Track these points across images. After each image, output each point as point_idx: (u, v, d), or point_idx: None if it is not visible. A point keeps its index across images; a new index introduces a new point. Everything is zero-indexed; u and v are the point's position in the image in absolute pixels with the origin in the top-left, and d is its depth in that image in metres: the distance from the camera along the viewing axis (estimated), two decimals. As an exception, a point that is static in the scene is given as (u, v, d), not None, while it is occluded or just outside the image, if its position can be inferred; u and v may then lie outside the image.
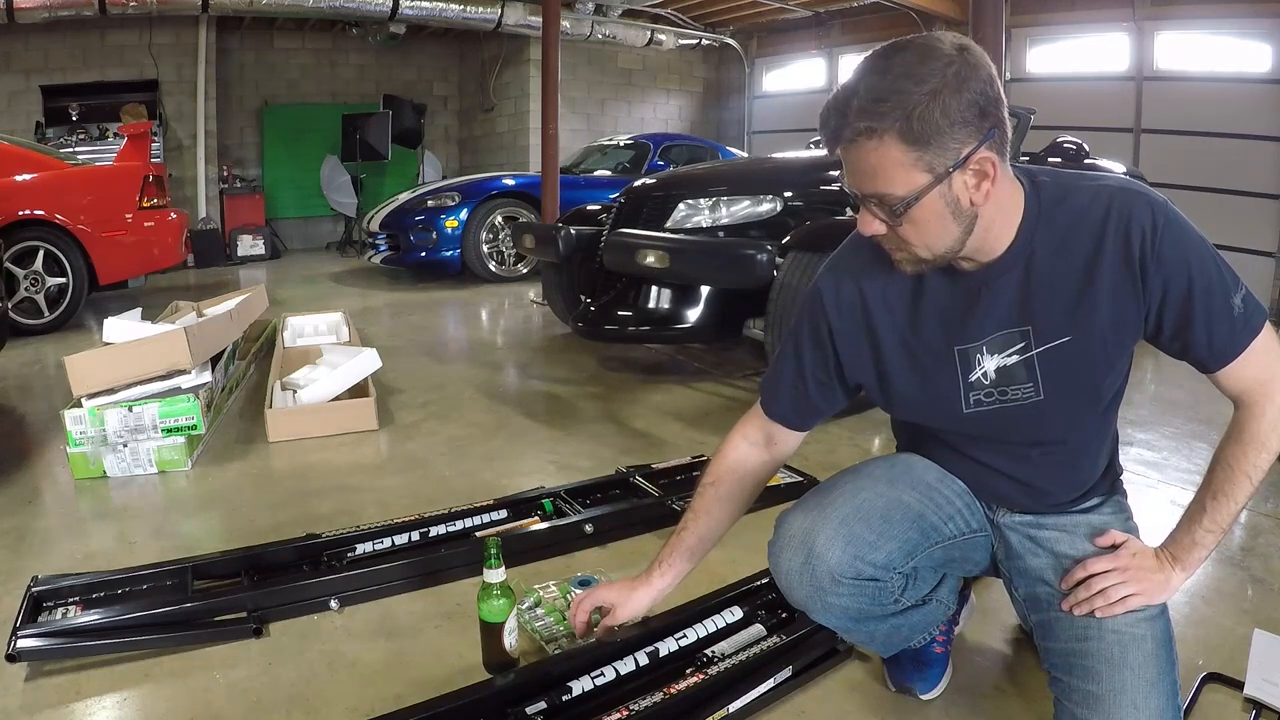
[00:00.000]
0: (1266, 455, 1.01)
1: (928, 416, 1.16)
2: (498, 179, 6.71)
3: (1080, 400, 1.07)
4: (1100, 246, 0.97)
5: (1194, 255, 0.96)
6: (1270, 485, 2.40)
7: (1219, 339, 0.97)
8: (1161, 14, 6.09)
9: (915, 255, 0.98)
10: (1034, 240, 1.00)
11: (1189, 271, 0.95)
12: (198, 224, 7.86)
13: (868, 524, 1.09)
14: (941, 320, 1.07)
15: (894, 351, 1.11)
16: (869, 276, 1.10)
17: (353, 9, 7.56)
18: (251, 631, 1.57)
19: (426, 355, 4.12)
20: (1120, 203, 0.97)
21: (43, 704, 1.38)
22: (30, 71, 7.48)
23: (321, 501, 2.26)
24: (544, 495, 2.14)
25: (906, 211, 0.93)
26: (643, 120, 10.01)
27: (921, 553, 1.14)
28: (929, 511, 1.16)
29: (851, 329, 1.12)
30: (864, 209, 0.96)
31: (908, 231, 0.95)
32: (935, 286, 1.07)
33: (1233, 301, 0.96)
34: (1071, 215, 0.99)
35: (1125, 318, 0.99)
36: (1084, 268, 0.98)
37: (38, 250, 4.59)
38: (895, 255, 1.00)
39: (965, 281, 1.05)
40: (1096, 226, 0.97)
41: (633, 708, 1.28)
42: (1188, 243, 0.96)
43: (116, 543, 2.01)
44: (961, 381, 1.08)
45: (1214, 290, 0.96)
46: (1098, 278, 0.97)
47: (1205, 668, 1.43)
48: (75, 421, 2.39)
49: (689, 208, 3.34)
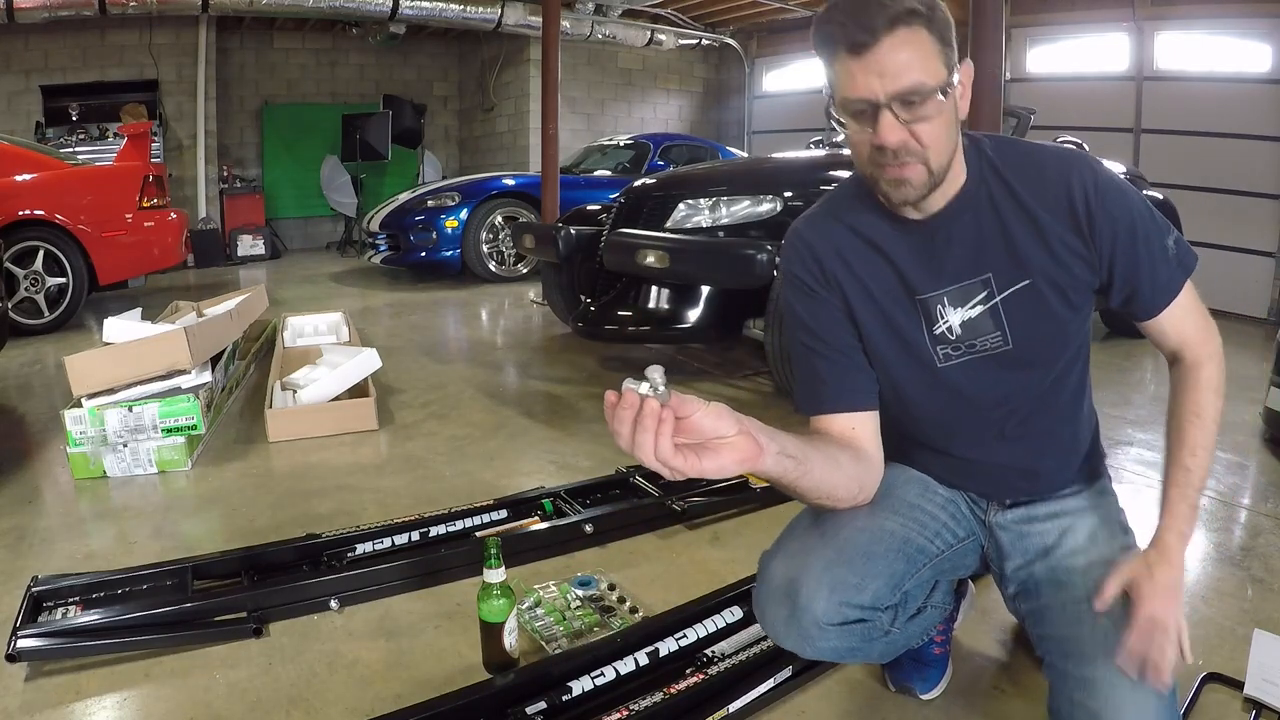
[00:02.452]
0: (1220, 401, 1.05)
1: (907, 378, 1.12)
2: (498, 179, 6.71)
3: (1049, 345, 1.08)
4: (1045, 195, 1.01)
5: (1133, 204, 1.02)
6: (1270, 484, 2.40)
7: (1160, 278, 1.03)
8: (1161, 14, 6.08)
9: (926, 167, 0.96)
10: (981, 186, 1.03)
11: (1131, 218, 1.01)
12: (198, 224, 7.86)
13: (851, 566, 1.05)
14: (898, 272, 1.08)
15: (863, 309, 1.10)
16: (824, 240, 1.11)
17: (353, 9, 7.55)
18: (251, 631, 1.57)
19: (426, 355, 4.12)
20: (1059, 158, 1.03)
21: (43, 704, 1.38)
22: (30, 71, 7.48)
23: (321, 501, 2.26)
24: (544, 495, 2.14)
25: (932, 102, 0.92)
26: (643, 120, 10.01)
27: (909, 580, 1.11)
28: (914, 534, 1.13)
29: (825, 290, 1.12)
30: (883, 118, 0.93)
31: (927, 133, 0.94)
32: (891, 239, 1.07)
33: (1167, 243, 1.03)
34: (1016, 166, 1.03)
35: (1077, 265, 1.03)
36: (1032, 214, 1.02)
37: (38, 250, 4.60)
38: (904, 173, 0.96)
39: (919, 231, 1.06)
40: (1042, 176, 1.02)
41: (633, 708, 1.28)
42: (1125, 193, 1.02)
43: (116, 543, 2.02)
44: (927, 334, 1.08)
45: (1152, 235, 1.02)
46: (1047, 226, 1.01)
47: (1205, 668, 1.43)
48: (75, 421, 2.39)
49: (689, 208, 3.34)
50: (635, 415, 0.74)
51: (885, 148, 0.94)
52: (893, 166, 0.96)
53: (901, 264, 1.07)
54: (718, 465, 0.78)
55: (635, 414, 0.74)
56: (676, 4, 8.78)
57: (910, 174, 0.97)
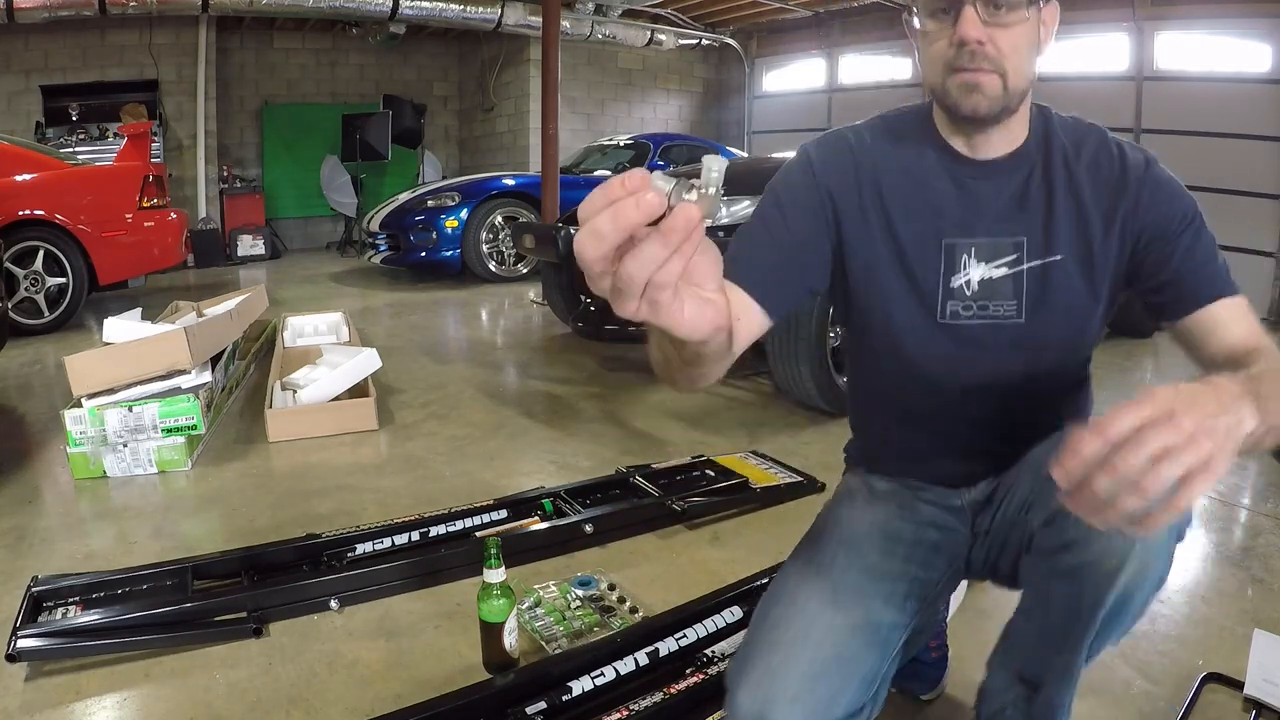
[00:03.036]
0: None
1: (906, 325, 1.01)
2: (498, 179, 6.71)
3: (1061, 329, 0.99)
4: (1099, 174, 0.96)
5: (1189, 204, 0.96)
6: (1270, 485, 2.40)
7: (1206, 270, 0.93)
8: (1161, 14, 6.08)
9: (1001, 79, 0.90)
10: (1039, 149, 0.98)
11: (1184, 203, 0.95)
12: (198, 224, 7.86)
13: (824, 678, 0.91)
14: (933, 207, 0.99)
15: (873, 241, 1.00)
16: (865, 156, 1.02)
17: (353, 9, 7.55)
18: (251, 631, 1.57)
19: (426, 355, 4.12)
20: (1125, 145, 0.99)
21: (43, 704, 1.38)
22: (30, 71, 7.48)
23: (321, 501, 2.26)
24: (544, 495, 2.14)
25: (1019, 10, 0.89)
26: (643, 120, 10.01)
27: (888, 663, 0.96)
28: (885, 611, 0.97)
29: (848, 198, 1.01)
30: (965, 12, 0.88)
31: (1007, 41, 0.89)
32: (936, 170, 1.00)
33: (1217, 255, 0.94)
34: (1077, 142, 0.98)
35: (1114, 245, 0.96)
36: (1079, 190, 0.96)
37: (38, 250, 4.60)
38: (979, 78, 0.90)
39: (968, 170, 0.99)
40: (1099, 155, 0.97)
41: (633, 708, 1.28)
42: (1184, 193, 0.97)
43: (116, 543, 2.02)
44: (942, 283, 0.99)
45: (1203, 230, 0.94)
46: (1091, 203, 0.96)
47: (1205, 668, 1.43)
48: (75, 421, 2.39)
49: (689, 208, 3.33)
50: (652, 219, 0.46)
51: (965, 43, 0.88)
52: (968, 70, 0.90)
53: (940, 199, 0.99)
54: (693, 322, 0.53)
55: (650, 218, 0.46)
56: (676, 4, 8.78)
57: (984, 80, 0.90)
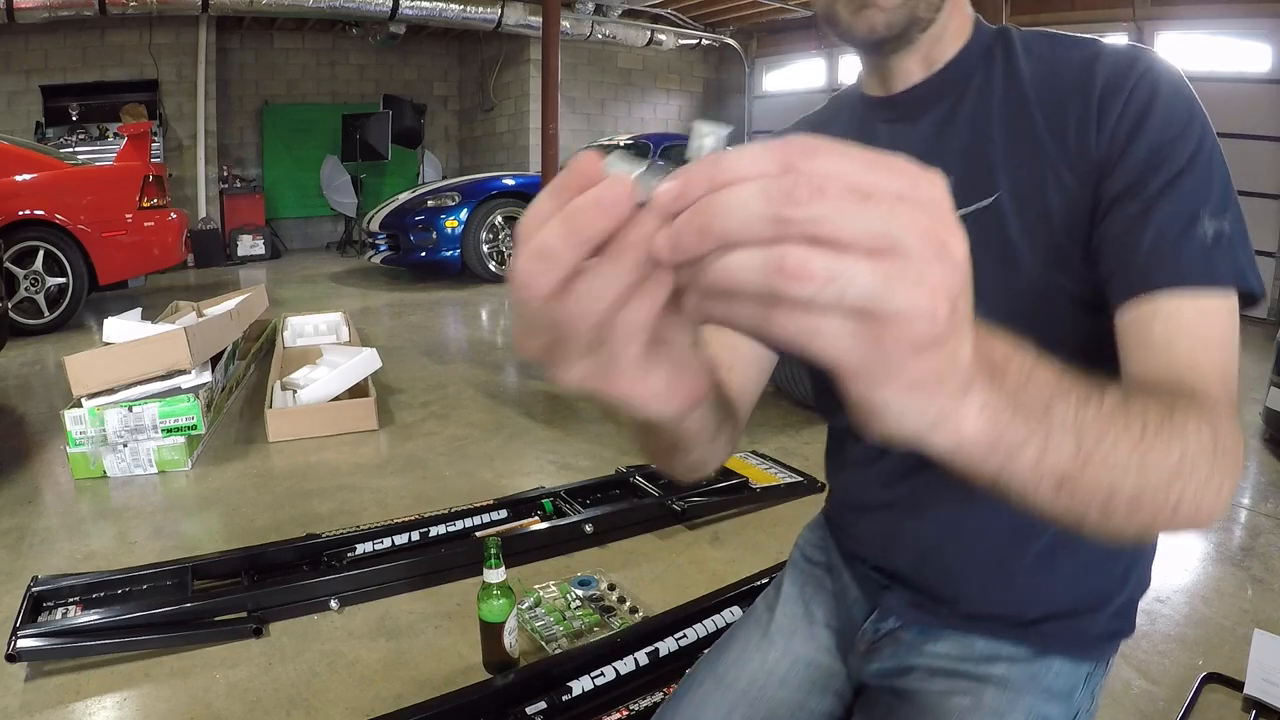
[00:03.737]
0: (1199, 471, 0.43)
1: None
2: (498, 179, 6.71)
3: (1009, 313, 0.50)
4: (1057, 82, 0.66)
5: (1186, 115, 0.60)
6: (1270, 484, 2.41)
7: (1174, 234, 0.57)
8: (1161, 14, 6.09)
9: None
10: (979, 67, 0.71)
11: (1173, 127, 0.60)
12: (198, 224, 7.87)
13: None
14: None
15: None
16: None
17: (353, 9, 7.55)
18: (251, 631, 1.57)
19: (426, 355, 4.12)
20: (1103, 46, 0.67)
21: (43, 704, 1.38)
22: (30, 71, 7.48)
23: (321, 501, 2.26)
24: (544, 495, 2.14)
25: None
26: (643, 120, 10.01)
27: None
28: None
29: None
30: None
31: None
32: (851, 130, 0.78)
33: (1200, 216, 0.58)
34: (1040, 54, 0.69)
35: (1069, 180, 0.64)
36: (1029, 100, 0.67)
37: (38, 250, 4.60)
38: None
39: (882, 112, 0.75)
40: (1063, 59, 0.67)
41: (633, 708, 1.28)
42: (1184, 98, 0.61)
43: (116, 543, 2.01)
44: None
45: (1190, 173, 0.59)
46: (1045, 117, 0.66)
47: (1205, 668, 1.43)
48: (75, 421, 2.39)
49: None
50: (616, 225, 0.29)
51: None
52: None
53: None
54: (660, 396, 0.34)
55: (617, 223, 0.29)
56: (676, 4, 8.78)
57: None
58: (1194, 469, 0.42)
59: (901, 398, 0.29)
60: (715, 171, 0.27)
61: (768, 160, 0.26)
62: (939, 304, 0.26)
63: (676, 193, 0.27)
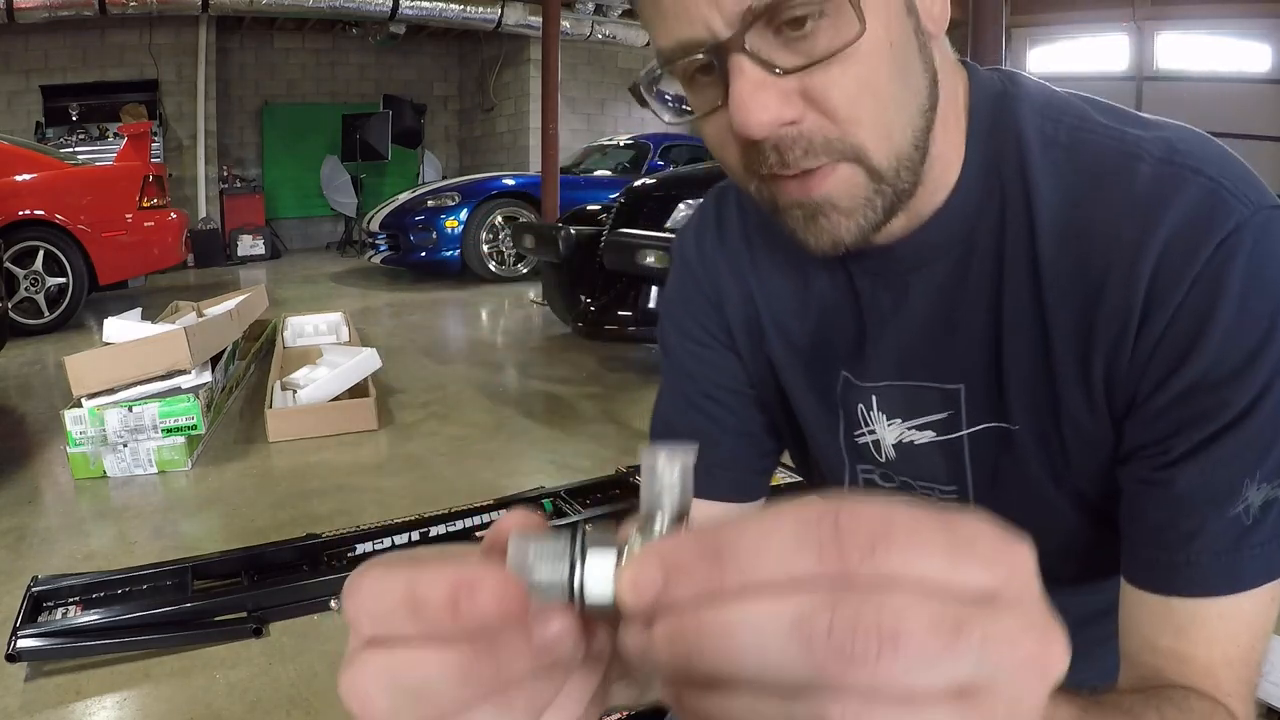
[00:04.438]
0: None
1: (827, 462, 0.65)
2: (498, 179, 6.72)
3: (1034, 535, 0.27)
4: (1093, 236, 0.45)
5: (1258, 341, 0.41)
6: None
7: (1179, 541, 0.43)
8: (1161, 14, 6.09)
9: (861, 165, 0.44)
10: (991, 197, 0.49)
11: (1228, 361, 0.42)
12: (198, 224, 7.87)
13: None
14: (814, 327, 0.59)
15: (763, 373, 0.63)
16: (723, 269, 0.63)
17: (353, 9, 7.56)
18: (251, 631, 1.57)
19: (426, 355, 4.12)
20: (1185, 191, 0.43)
21: (43, 704, 1.38)
22: (30, 71, 7.49)
23: (321, 501, 2.26)
24: (544, 495, 2.14)
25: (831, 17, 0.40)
26: (643, 120, 9.99)
27: None
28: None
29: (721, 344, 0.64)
30: (736, 66, 0.41)
31: (841, 88, 0.42)
32: (813, 269, 0.58)
33: (1242, 487, 0.42)
34: (1067, 194, 0.47)
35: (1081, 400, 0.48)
36: (1045, 278, 0.47)
37: (38, 250, 4.60)
38: (814, 189, 0.45)
39: (864, 263, 0.54)
40: (1116, 226, 0.44)
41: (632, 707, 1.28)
42: (1263, 307, 0.42)
43: (116, 543, 2.01)
44: (843, 436, 0.60)
45: (1233, 438, 0.42)
46: (1071, 338, 0.47)
47: (1205, 668, 1.43)
48: (75, 421, 2.39)
49: (689, 208, 3.34)
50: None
51: (753, 141, 0.43)
52: (788, 179, 0.45)
53: (822, 313, 0.58)
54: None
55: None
56: (676, 4, 8.78)
57: (831, 190, 0.45)
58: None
59: None
60: (717, 568, 0.18)
61: (808, 557, 0.17)
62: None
63: (651, 596, 0.18)
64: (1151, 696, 0.42)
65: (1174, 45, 6.10)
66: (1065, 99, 0.50)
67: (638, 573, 0.19)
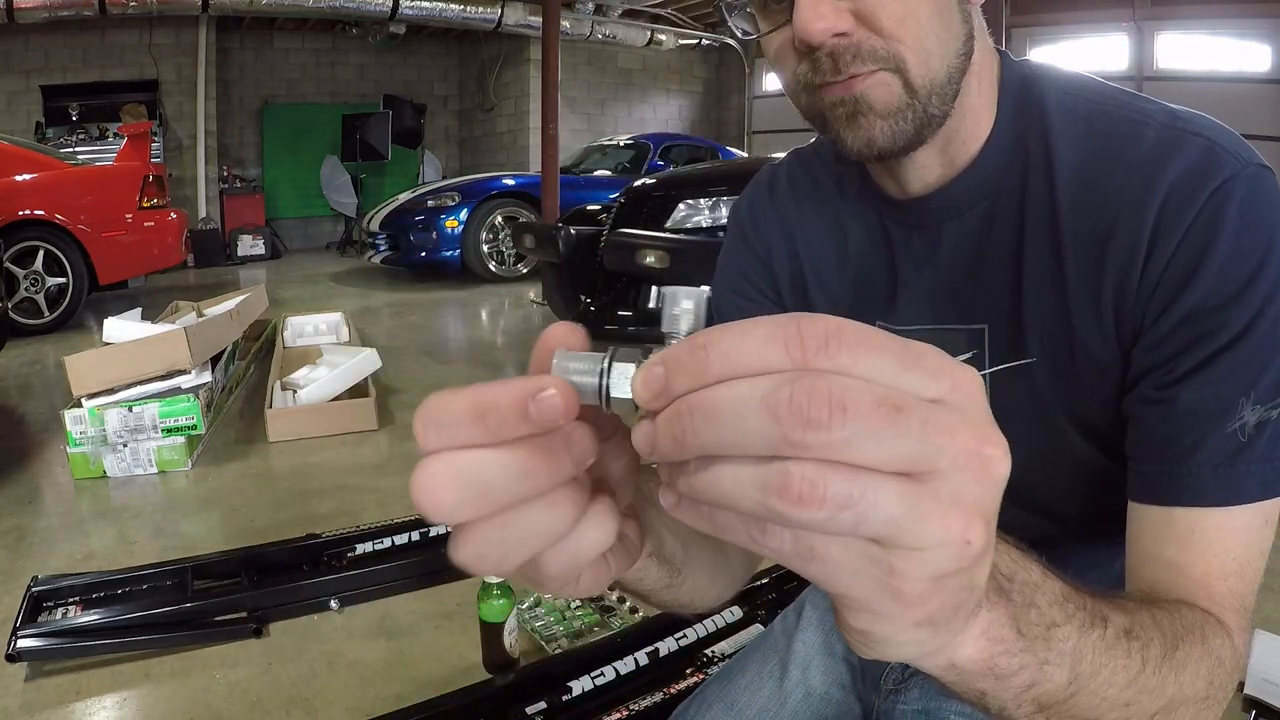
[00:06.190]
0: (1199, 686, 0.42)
1: None
2: (498, 179, 6.72)
3: (1043, 478, 0.60)
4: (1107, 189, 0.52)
5: (1248, 275, 0.47)
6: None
7: (1181, 453, 0.48)
8: (1161, 14, 6.09)
9: (899, 75, 0.51)
10: (1017, 156, 0.57)
11: (1222, 291, 0.48)
12: (198, 224, 7.87)
13: None
14: (858, 275, 0.66)
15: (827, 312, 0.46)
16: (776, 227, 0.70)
17: (353, 9, 7.56)
18: (251, 631, 1.57)
19: (426, 355, 4.12)
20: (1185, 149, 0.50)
21: (43, 704, 1.38)
22: (30, 71, 7.48)
23: (321, 501, 2.26)
24: (544, 495, 2.14)
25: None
26: (643, 120, 10.02)
27: None
28: None
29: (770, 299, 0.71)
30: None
31: (890, 9, 0.49)
32: (855, 221, 0.66)
33: (1237, 406, 0.47)
34: (1083, 136, 0.55)
35: (1098, 335, 0.54)
36: (1064, 226, 0.54)
37: (38, 250, 4.60)
38: (857, 89, 0.51)
39: (897, 214, 0.62)
40: (1125, 181, 0.52)
41: (633, 708, 1.28)
42: (1254, 245, 0.48)
43: (116, 543, 2.02)
44: None
45: (1228, 360, 0.48)
46: (1085, 278, 0.54)
47: (1205, 668, 1.43)
48: (75, 421, 2.39)
49: (689, 208, 3.35)
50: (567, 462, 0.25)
51: (812, 46, 0.51)
52: (836, 84, 0.52)
53: (864, 262, 0.65)
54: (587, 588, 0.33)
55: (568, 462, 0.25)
56: (676, 4, 8.79)
57: (870, 90, 0.51)
58: (1179, 711, 0.41)
59: (905, 631, 0.25)
60: (705, 360, 0.22)
61: (775, 349, 0.21)
62: (973, 531, 0.22)
63: (657, 389, 0.23)
64: (1145, 600, 0.45)
65: (1174, 45, 6.10)
66: (1085, 80, 0.58)
67: (647, 371, 0.23)
